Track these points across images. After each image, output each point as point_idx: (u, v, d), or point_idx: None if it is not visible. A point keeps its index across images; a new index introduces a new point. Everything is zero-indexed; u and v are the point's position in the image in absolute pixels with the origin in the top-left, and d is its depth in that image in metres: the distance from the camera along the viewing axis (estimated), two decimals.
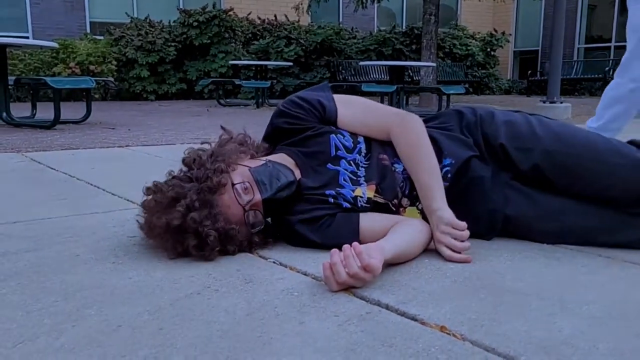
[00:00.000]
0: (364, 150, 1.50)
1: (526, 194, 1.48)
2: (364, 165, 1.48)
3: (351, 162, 1.47)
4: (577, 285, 1.19)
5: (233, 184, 1.35)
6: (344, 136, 1.50)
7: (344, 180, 1.45)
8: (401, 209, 1.48)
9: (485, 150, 1.52)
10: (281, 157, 1.48)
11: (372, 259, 1.12)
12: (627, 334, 0.95)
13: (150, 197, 1.36)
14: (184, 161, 1.42)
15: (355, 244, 1.15)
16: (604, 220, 1.44)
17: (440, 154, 1.49)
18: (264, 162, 1.43)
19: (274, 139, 1.56)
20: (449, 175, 1.47)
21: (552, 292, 1.14)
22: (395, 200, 1.47)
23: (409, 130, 1.47)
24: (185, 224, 1.28)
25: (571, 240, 1.47)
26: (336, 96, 1.56)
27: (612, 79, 2.89)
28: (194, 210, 1.28)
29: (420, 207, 1.45)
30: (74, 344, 0.90)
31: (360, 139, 1.51)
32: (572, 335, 0.94)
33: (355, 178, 1.46)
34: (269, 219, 1.46)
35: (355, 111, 1.54)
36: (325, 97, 1.54)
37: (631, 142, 1.50)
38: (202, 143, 1.48)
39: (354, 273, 1.10)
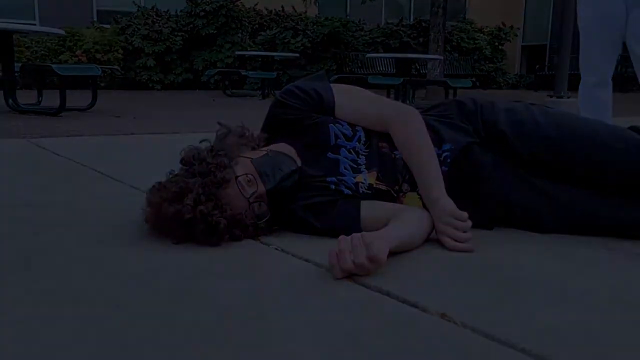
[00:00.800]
0: (363, 138, 1.49)
1: (527, 180, 1.48)
2: (364, 153, 1.48)
3: (351, 150, 1.47)
4: (580, 275, 1.18)
5: (236, 177, 1.34)
6: (342, 125, 1.49)
7: (345, 168, 1.45)
8: (401, 194, 1.47)
9: (485, 137, 1.51)
10: (282, 147, 1.48)
11: (379, 251, 1.12)
12: (630, 324, 0.95)
13: (154, 195, 1.34)
14: (182, 161, 1.40)
15: (364, 234, 1.14)
16: (606, 202, 1.43)
17: (440, 140, 1.48)
18: (265, 152, 1.42)
19: (273, 129, 1.55)
20: (448, 160, 1.46)
21: (554, 282, 1.13)
22: (397, 187, 1.47)
23: (405, 123, 1.47)
24: (195, 216, 1.27)
25: (574, 224, 1.45)
26: (334, 86, 1.55)
27: (619, 74, 2.88)
28: (201, 203, 1.28)
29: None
30: (71, 324, 0.90)
31: (359, 127, 1.51)
32: (574, 323, 0.93)
33: (355, 166, 1.46)
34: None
35: (352, 102, 1.53)
36: (322, 87, 1.53)
37: (632, 128, 1.50)
38: (201, 141, 1.46)
39: (360, 263, 1.10)
